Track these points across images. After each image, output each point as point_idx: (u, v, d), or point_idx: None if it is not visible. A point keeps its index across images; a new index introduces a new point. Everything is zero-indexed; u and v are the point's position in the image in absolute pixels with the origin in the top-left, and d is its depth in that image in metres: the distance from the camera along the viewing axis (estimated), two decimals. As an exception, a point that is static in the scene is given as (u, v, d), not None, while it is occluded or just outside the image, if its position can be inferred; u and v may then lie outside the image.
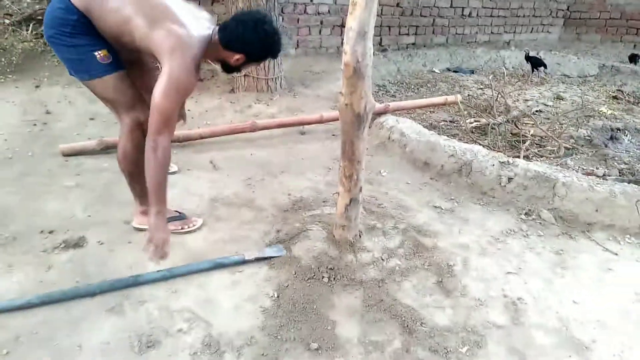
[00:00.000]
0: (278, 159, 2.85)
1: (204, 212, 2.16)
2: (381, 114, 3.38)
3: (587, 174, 2.69)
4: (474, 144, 2.94)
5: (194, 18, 1.63)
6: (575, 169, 2.83)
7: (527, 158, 2.95)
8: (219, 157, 2.81)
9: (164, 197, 1.59)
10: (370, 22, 1.46)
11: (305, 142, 3.17)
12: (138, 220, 1.98)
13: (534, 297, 1.73)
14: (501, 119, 3.62)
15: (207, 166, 2.69)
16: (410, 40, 6.24)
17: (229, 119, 3.45)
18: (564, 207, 2.28)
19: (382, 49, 5.82)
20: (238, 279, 1.73)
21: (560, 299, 1.73)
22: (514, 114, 3.75)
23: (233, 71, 1.75)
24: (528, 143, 3.19)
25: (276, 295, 1.64)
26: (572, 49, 7.19)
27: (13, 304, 1.51)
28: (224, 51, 1.64)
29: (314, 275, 1.73)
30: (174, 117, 1.56)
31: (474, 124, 3.56)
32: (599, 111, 4.11)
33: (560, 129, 3.50)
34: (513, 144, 3.28)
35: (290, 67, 4.55)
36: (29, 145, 2.77)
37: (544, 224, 2.23)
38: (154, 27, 1.53)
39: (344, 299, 1.65)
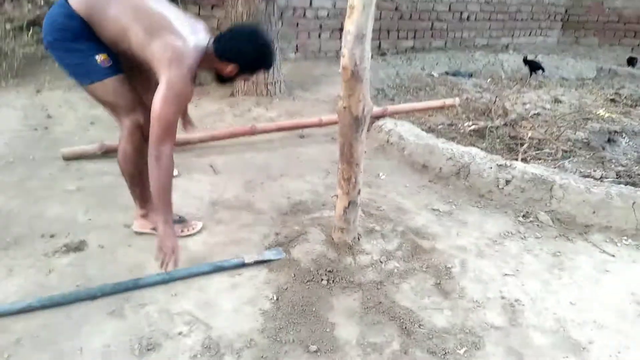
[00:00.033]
0: (277, 162, 2.86)
1: (204, 216, 2.18)
2: (380, 117, 3.40)
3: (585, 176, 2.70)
4: (472, 147, 2.95)
5: (190, 28, 1.66)
6: (573, 171, 2.85)
7: (524, 161, 2.96)
8: (219, 160, 2.83)
9: (169, 205, 1.64)
10: (367, 25, 1.48)
11: (305, 145, 3.19)
12: (138, 223, 1.99)
13: (532, 298, 1.74)
14: (499, 122, 3.63)
15: (207, 170, 2.71)
16: (409, 44, 6.28)
17: (228, 122, 3.47)
18: (561, 209, 2.30)
19: (381, 52, 5.85)
20: (238, 282, 1.74)
21: (558, 300, 1.74)
22: (512, 117, 3.76)
23: (226, 82, 1.79)
24: (526, 146, 3.21)
25: (275, 298, 1.65)
26: (570, 52, 7.21)
27: (14, 307, 1.52)
28: (218, 62, 1.68)
29: (313, 278, 1.75)
30: (174, 126, 1.60)
31: (472, 127, 3.57)
32: (597, 114, 4.12)
33: (558, 132, 3.51)
34: (511, 146, 3.29)
35: (289, 71, 4.57)
36: (30, 150, 2.78)
37: (542, 226, 2.24)
38: (151, 37, 1.55)
39: (342, 301, 1.66)
